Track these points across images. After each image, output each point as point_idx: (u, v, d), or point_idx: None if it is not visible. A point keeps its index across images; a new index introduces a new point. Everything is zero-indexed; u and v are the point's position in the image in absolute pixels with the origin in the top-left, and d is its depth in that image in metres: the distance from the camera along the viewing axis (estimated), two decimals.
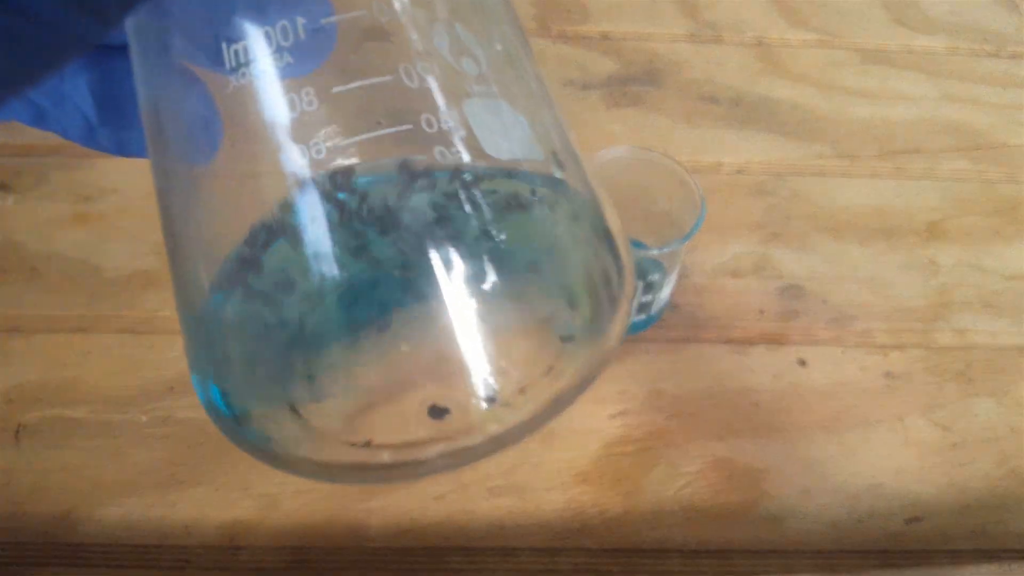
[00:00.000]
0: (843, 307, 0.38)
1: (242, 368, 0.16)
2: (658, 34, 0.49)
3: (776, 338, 0.37)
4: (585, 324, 0.17)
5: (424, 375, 0.16)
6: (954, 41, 0.51)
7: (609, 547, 0.31)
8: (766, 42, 0.50)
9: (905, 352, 0.37)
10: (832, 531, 0.32)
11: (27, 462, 0.32)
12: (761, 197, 0.42)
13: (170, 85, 0.16)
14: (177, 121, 0.16)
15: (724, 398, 0.35)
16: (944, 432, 0.34)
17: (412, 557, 0.30)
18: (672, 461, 0.33)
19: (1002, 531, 0.32)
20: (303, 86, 0.15)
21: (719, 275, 0.39)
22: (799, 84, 0.47)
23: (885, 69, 0.49)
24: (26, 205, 0.39)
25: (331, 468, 0.16)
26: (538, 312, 0.17)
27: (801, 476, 0.33)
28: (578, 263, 0.17)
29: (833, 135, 0.45)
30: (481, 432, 0.16)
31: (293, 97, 0.14)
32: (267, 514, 0.31)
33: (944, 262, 0.40)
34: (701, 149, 0.44)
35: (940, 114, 0.46)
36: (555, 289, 0.17)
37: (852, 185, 0.43)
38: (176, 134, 0.16)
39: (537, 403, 0.17)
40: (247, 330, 0.16)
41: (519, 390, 0.16)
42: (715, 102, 0.46)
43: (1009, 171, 0.44)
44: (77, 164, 0.41)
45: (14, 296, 0.36)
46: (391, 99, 0.15)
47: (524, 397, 0.16)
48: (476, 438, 0.16)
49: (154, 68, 0.16)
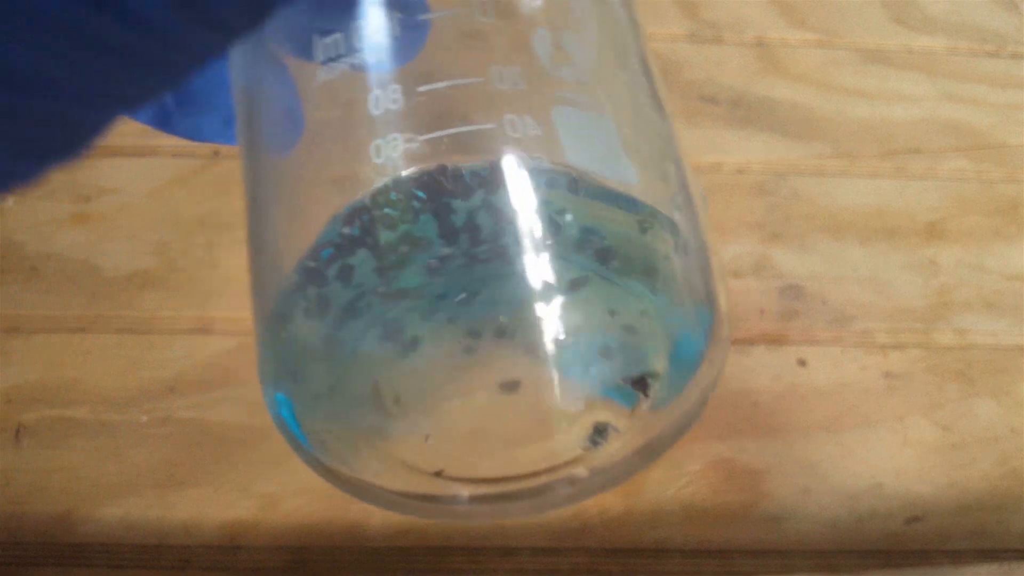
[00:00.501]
0: (843, 307, 0.38)
1: (318, 384, 0.16)
2: (658, 34, 0.49)
3: (776, 338, 0.37)
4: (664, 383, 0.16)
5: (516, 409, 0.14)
6: (954, 41, 0.51)
7: (609, 547, 0.31)
8: (766, 42, 0.50)
9: (905, 352, 0.37)
10: (832, 531, 0.32)
11: (26, 462, 0.32)
12: (761, 197, 0.42)
13: (260, 72, 0.15)
14: (263, 110, 0.16)
15: (724, 398, 0.35)
16: (944, 432, 0.34)
17: (412, 557, 0.30)
18: (672, 461, 0.33)
19: (1003, 531, 0.32)
20: (390, 82, 0.14)
21: None
22: (799, 84, 0.47)
23: (885, 69, 0.49)
24: (25, 205, 0.39)
25: (408, 498, 0.15)
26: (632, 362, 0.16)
27: (801, 476, 0.33)
28: (667, 326, 0.16)
29: (833, 135, 0.45)
30: (570, 470, 0.15)
31: (379, 93, 0.14)
32: (267, 514, 0.31)
33: (944, 262, 0.40)
34: (701, 149, 0.44)
35: (940, 114, 0.47)
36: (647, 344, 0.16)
37: (852, 185, 0.43)
38: (261, 123, 0.16)
39: (624, 451, 0.16)
40: (322, 343, 0.15)
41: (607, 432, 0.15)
42: (715, 102, 0.46)
43: (1010, 171, 0.44)
44: (77, 164, 0.41)
45: (13, 296, 0.36)
46: (479, 99, 0.14)
47: (612, 443, 0.15)
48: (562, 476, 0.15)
49: (247, 55, 0.15)
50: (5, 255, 0.37)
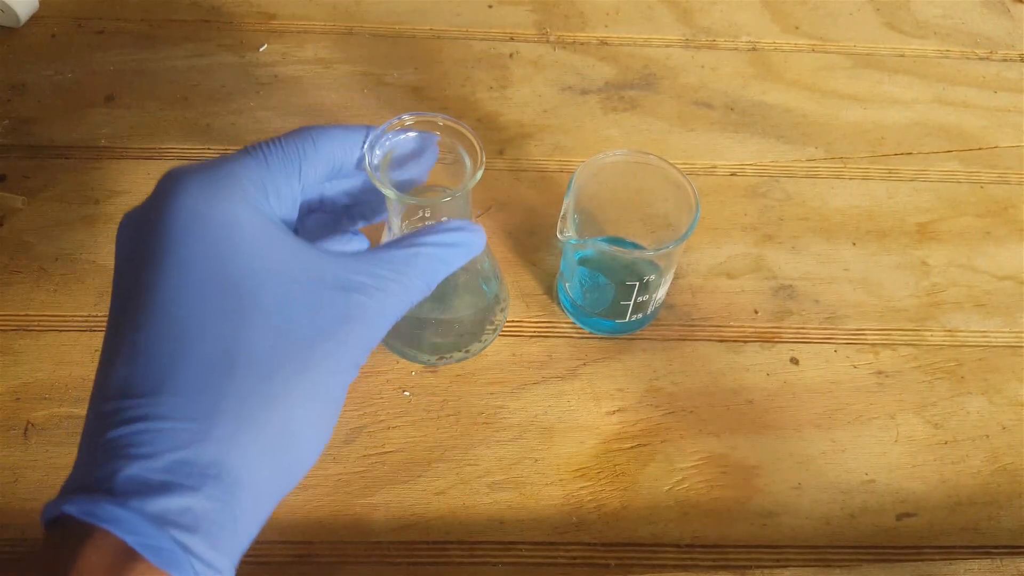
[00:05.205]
0: (835, 307, 0.39)
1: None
2: (654, 40, 0.50)
3: (769, 337, 0.37)
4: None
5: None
6: (945, 44, 0.52)
7: (606, 541, 0.31)
8: (759, 47, 0.50)
9: (896, 351, 0.37)
10: (825, 526, 0.32)
11: (35, 459, 0.32)
12: (755, 199, 0.43)
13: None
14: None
15: (719, 396, 0.35)
16: (936, 430, 0.35)
17: (415, 550, 0.31)
18: (668, 457, 0.34)
19: (994, 527, 0.33)
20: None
21: (714, 275, 0.39)
22: (792, 88, 0.48)
23: (877, 73, 0.50)
24: (35, 206, 0.40)
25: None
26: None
27: (794, 472, 0.33)
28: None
29: (826, 138, 0.46)
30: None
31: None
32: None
33: (935, 263, 0.41)
34: (696, 152, 0.45)
35: (931, 117, 0.47)
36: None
37: (844, 187, 0.43)
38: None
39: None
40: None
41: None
42: (710, 106, 0.47)
43: (1000, 173, 0.45)
44: (86, 166, 0.42)
45: (23, 296, 0.37)
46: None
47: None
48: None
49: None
50: (15, 256, 0.38)
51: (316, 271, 0.21)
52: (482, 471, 0.33)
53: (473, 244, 0.25)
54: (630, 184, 0.35)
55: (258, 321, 0.19)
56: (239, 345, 0.19)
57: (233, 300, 0.19)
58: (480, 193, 0.41)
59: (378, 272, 0.22)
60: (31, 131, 0.43)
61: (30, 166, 0.42)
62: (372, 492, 0.32)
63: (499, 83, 0.47)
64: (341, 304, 0.21)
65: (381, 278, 0.22)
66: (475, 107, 0.46)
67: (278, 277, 0.20)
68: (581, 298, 0.36)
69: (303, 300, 0.20)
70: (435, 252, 0.23)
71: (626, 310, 0.35)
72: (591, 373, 0.36)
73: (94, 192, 0.41)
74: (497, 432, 0.34)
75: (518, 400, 0.35)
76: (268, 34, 0.48)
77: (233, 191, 0.20)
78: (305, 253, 0.21)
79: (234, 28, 0.49)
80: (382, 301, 0.21)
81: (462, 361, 0.36)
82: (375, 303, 0.21)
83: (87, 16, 0.49)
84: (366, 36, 0.49)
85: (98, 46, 0.47)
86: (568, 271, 0.36)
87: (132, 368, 0.19)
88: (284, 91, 0.46)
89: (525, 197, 0.42)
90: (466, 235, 0.24)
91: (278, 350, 0.19)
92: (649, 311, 0.36)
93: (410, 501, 0.32)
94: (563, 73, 0.48)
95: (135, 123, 0.44)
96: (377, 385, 0.35)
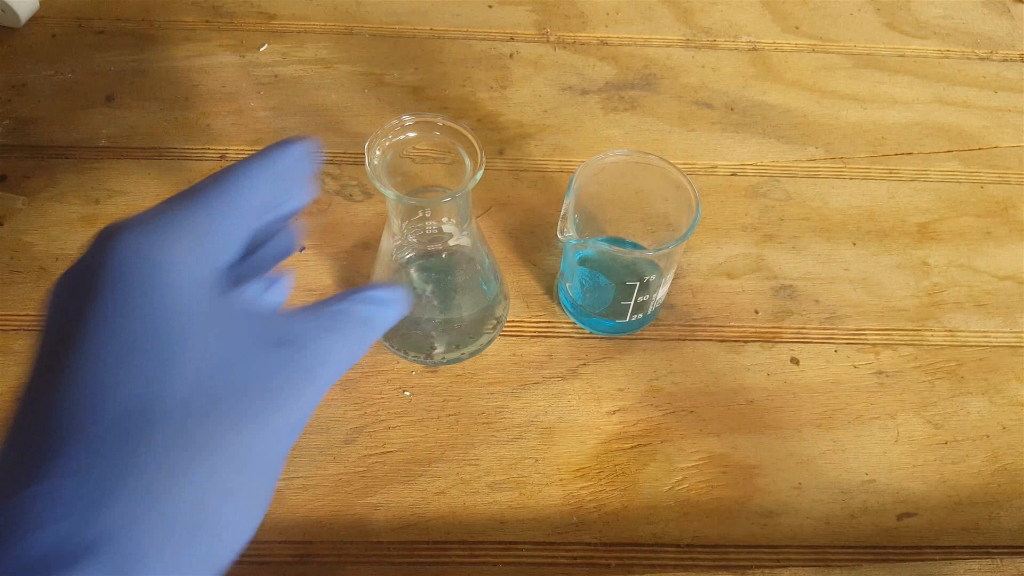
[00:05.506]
0: (836, 307, 0.39)
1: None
2: (654, 40, 0.50)
3: (770, 337, 0.37)
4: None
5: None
6: (946, 45, 0.52)
7: (606, 541, 0.31)
8: (760, 47, 0.51)
9: (896, 351, 0.37)
10: (825, 526, 0.32)
11: None
12: (755, 199, 0.43)
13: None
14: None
15: (719, 396, 0.35)
16: (936, 430, 0.35)
17: (415, 550, 0.31)
18: (668, 457, 0.34)
19: (994, 527, 0.33)
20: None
21: (714, 275, 0.39)
22: (792, 88, 0.48)
23: (877, 73, 0.50)
24: (36, 206, 0.40)
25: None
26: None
27: (794, 472, 0.33)
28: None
29: (826, 138, 0.46)
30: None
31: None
32: (273, 508, 0.31)
33: (936, 263, 0.41)
34: (696, 152, 0.45)
35: (932, 117, 0.47)
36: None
37: (845, 187, 0.43)
38: None
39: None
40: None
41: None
42: (710, 106, 0.47)
43: (1000, 173, 0.45)
44: (86, 166, 0.42)
45: (23, 296, 0.37)
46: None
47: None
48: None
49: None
50: (15, 256, 0.38)
51: (246, 324, 0.19)
52: (482, 471, 0.33)
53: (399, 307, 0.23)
54: (630, 184, 0.35)
55: (176, 378, 0.18)
56: (152, 404, 0.17)
57: (153, 354, 0.18)
58: (480, 193, 0.42)
59: (316, 324, 0.21)
60: (31, 131, 0.43)
61: (30, 166, 0.42)
62: (372, 492, 0.32)
63: (499, 83, 0.47)
64: (275, 360, 0.19)
65: (320, 329, 0.20)
66: (475, 107, 0.46)
67: (205, 332, 0.19)
68: (581, 298, 0.36)
69: (230, 355, 0.19)
70: (365, 309, 0.22)
71: (626, 310, 0.35)
72: (591, 373, 0.36)
73: (94, 192, 0.41)
74: (497, 432, 0.34)
75: (518, 400, 0.35)
76: (268, 34, 0.49)
77: (171, 243, 0.19)
78: (238, 304, 0.20)
79: (234, 28, 0.49)
80: (320, 355, 0.20)
81: (462, 361, 0.36)
82: (311, 358, 0.20)
83: (87, 16, 0.49)
84: (366, 36, 0.49)
85: (98, 46, 0.47)
86: (568, 271, 0.36)
87: (24, 447, 0.17)
88: (284, 91, 0.46)
89: (525, 197, 0.42)
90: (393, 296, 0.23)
91: (194, 409, 0.18)
92: (649, 311, 0.36)
93: (410, 501, 0.32)
94: (563, 73, 0.48)
95: (135, 123, 0.44)
96: (377, 385, 0.35)
